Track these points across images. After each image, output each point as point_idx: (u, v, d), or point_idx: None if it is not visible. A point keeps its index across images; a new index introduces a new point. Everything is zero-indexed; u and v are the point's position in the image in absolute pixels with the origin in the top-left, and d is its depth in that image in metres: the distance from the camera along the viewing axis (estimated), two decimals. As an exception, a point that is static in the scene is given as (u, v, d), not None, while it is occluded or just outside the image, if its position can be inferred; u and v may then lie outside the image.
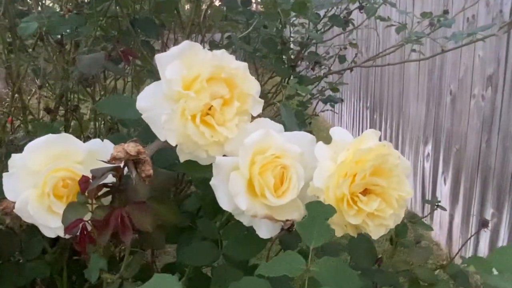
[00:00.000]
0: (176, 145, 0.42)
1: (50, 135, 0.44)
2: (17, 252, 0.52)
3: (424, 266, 0.52)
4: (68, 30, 0.78)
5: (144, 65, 0.89)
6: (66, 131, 0.85)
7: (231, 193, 0.40)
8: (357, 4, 1.02)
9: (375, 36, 2.87)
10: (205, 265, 0.51)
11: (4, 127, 0.82)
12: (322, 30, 1.01)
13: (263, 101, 0.46)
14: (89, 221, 0.39)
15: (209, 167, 0.45)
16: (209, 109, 0.42)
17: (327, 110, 1.38)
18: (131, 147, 0.36)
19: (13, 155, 0.43)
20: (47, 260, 0.53)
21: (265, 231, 0.43)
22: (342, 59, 1.25)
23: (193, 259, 0.48)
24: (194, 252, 0.48)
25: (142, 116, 0.43)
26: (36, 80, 0.97)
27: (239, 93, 0.43)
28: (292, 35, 1.02)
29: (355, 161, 0.37)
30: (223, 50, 0.43)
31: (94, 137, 0.88)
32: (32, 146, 0.43)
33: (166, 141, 0.42)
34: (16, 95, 0.84)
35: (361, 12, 1.02)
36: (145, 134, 0.53)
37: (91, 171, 0.41)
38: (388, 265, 0.57)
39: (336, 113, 3.86)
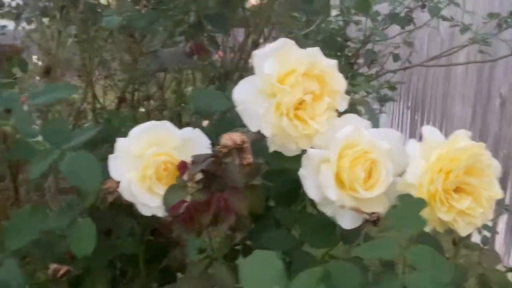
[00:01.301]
0: (262, 137, 0.45)
1: (152, 121, 0.48)
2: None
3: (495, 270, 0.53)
4: (143, 24, 0.82)
5: (206, 59, 0.92)
6: (134, 119, 0.90)
7: (321, 184, 0.42)
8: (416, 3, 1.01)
9: (420, 36, 2.80)
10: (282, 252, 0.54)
11: (79, 114, 0.88)
12: (381, 28, 1.01)
13: (348, 97, 0.48)
14: (191, 203, 0.42)
15: (294, 159, 0.48)
16: (300, 104, 0.45)
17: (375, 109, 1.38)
18: (237, 137, 0.39)
19: (118, 139, 0.47)
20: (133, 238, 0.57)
21: (348, 222, 0.45)
22: (396, 57, 1.25)
23: (271, 245, 0.50)
24: (273, 239, 0.51)
25: (237, 109, 0.46)
26: (104, 71, 1.03)
27: (329, 90, 0.45)
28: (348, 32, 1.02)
29: (449, 159, 0.38)
30: (317, 48, 0.45)
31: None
32: (136, 131, 0.47)
33: (256, 133, 0.45)
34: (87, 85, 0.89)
35: (423, 11, 1.01)
36: (219, 126, 0.56)
37: (193, 156, 0.44)
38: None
39: (380, 113, 3.80)
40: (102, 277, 0.56)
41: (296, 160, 0.49)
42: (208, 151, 0.50)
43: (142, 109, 0.96)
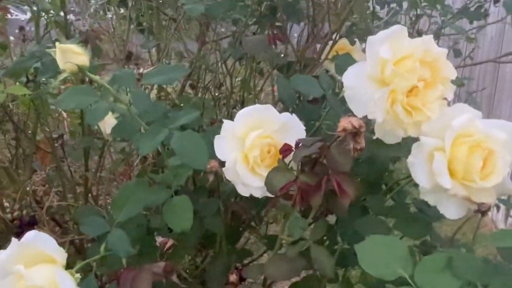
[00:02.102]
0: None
1: (257, 105, 0.49)
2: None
3: None
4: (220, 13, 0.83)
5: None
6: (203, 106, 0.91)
7: (435, 172, 0.42)
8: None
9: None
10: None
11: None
12: (451, 22, 0.99)
13: (455, 86, 0.48)
14: (299, 185, 0.43)
15: (395, 146, 0.48)
16: (410, 91, 0.44)
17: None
18: (355, 121, 0.40)
19: (224, 121, 0.49)
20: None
21: (453, 212, 0.44)
22: (457, 53, 1.21)
23: (364, 231, 0.51)
24: (366, 225, 0.51)
25: (345, 94, 0.46)
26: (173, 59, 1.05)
27: (441, 77, 0.44)
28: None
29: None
30: (430, 36, 0.44)
31: (227, 113, 0.95)
32: (241, 113, 0.49)
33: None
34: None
35: (496, 6, 0.98)
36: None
37: (301, 140, 0.45)
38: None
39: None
40: (190, 251, 0.58)
41: (396, 148, 0.49)
42: (304, 135, 0.51)
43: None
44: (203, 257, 0.64)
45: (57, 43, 0.41)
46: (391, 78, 0.43)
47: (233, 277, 0.56)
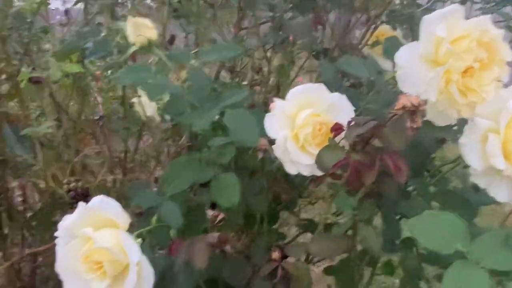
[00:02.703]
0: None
1: (308, 84, 0.50)
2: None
3: None
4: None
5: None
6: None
7: (489, 153, 0.42)
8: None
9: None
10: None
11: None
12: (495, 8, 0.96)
13: (509, 68, 0.47)
14: (351, 163, 0.44)
15: (443, 129, 0.48)
16: (465, 71, 0.44)
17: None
18: (414, 99, 0.40)
19: (275, 99, 0.50)
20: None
21: (505, 195, 0.44)
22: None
23: (409, 213, 0.51)
24: (414, 207, 0.51)
25: (397, 73, 0.46)
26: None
27: (497, 59, 0.44)
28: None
29: None
30: (487, 16, 0.44)
31: (263, 98, 0.96)
32: (292, 92, 0.49)
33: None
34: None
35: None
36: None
37: (354, 119, 0.46)
38: None
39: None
40: (234, 227, 0.60)
41: (444, 130, 0.50)
42: (352, 116, 0.52)
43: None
44: (247, 234, 0.65)
45: (129, 17, 0.43)
46: (445, 58, 0.43)
47: (275, 255, 0.57)
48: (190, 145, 0.80)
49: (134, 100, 0.92)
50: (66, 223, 0.39)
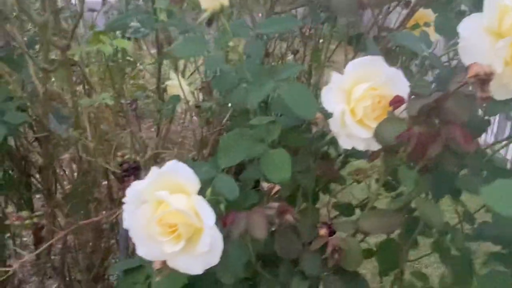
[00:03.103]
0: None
1: (366, 57, 0.49)
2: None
3: None
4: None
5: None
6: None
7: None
8: None
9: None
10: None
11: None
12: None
13: None
14: (415, 135, 0.44)
15: (503, 103, 0.48)
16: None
17: None
18: (486, 67, 0.40)
19: (333, 72, 0.49)
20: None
21: None
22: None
23: (469, 188, 0.51)
24: (470, 182, 0.51)
25: (459, 45, 0.46)
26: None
27: None
28: None
29: None
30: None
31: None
32: (350, 66, 0.49)
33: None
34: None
35: None
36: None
37: (415, 91, 0.45)
38: None
39: None
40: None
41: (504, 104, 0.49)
42: (407, 91, 0.51)
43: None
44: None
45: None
46: (504, 31, 0.43)
47: (323, 231, 0.57)
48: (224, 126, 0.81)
49: (168, 83, 0.93)
50: (139, 187, 0.39)
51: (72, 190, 0.88)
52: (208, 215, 0.38)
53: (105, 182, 0.88)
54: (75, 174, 0.93)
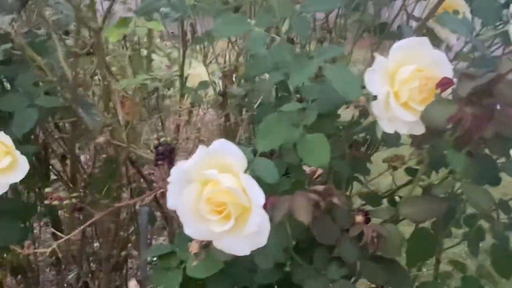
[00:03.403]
0: None
1: (412, 38, 0.48)
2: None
3: None
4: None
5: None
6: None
7: None
8: None
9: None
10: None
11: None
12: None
13: None
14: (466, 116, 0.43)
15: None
16: None
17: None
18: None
19: (376, 56, 0.48)
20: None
21: None
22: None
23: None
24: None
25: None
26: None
27: None
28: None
29: None
30: None
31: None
32: (394, 47, 0.48)
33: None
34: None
35: None
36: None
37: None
38: None
39: None
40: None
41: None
42: (452, 74, 0.50)
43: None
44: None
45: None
46: None
47: (359, 218, 0.56)
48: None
49: (191, 71, 0.92)
50: (186, 166, 0.38)
51: (94, 179, 0.87)
52: (258, 194, 0.37)
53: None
54: (95, 163, 0.92)
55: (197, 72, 0.91)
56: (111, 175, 0.87)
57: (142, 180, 0.91)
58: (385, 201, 0.74)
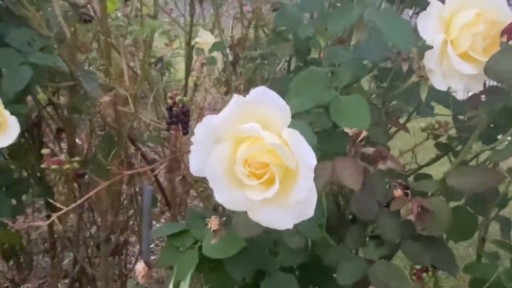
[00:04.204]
0: None
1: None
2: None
3: None
4: None
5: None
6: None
7: None
8: None
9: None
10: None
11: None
12: None
13: None
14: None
15: None
16: None
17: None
18: None
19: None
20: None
21: None
22: None
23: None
24: None
25: None
26: None
27: None
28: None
29: None
30: None
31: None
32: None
33: None
34: None
35: None
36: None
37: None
38: None
39: None
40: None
41: None
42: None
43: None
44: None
45: None
46: None
47: (398, 192, 0.50)
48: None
49: (198, 39, 0.85)
50: (216, 120, 0.31)
51: (92, 155, 0.80)
52: (308, 154, 0.30)
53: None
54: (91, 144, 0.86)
55: (205, 40, 0.84)
56: (109, 152, 0.80)
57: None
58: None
